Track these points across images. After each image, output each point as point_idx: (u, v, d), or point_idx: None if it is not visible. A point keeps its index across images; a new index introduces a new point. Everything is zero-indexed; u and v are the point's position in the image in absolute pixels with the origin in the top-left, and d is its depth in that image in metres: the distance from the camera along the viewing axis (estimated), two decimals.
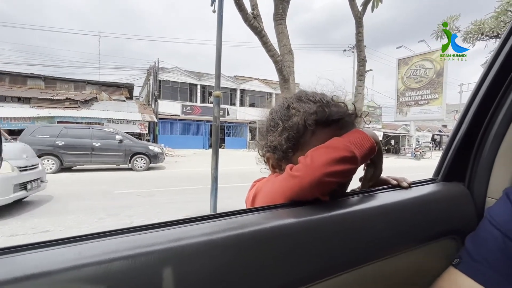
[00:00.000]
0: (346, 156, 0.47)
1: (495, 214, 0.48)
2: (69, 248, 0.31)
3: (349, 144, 0.49)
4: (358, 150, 0.49)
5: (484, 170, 0.62)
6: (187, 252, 0.34)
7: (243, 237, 0.37)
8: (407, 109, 20.18)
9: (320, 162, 0.46)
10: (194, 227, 0.39)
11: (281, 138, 0.57)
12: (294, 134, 0.56)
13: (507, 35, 0.59)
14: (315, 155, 0.48)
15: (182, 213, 4.61)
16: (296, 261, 0.40)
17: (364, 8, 3.57)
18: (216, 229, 0.38)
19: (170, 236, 0.35)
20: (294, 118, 0.57)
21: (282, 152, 0.58)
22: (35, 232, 3.61)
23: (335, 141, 0.50)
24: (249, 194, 0.61)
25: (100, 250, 0.31)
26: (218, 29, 3.18)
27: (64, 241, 0.32)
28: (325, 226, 0.44)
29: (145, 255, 0.31)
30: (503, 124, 0.60)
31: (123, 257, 0.30)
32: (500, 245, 0.44)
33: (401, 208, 0.54)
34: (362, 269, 0.46)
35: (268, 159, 0.63)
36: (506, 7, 4.55)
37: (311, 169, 0.46)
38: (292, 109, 0.59)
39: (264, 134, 0.64)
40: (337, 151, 0.47)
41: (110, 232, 0.35)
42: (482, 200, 0.61)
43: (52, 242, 0.32)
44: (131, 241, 0.34)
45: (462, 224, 0.58)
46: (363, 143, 0.50)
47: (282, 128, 0.58)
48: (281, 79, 3.03)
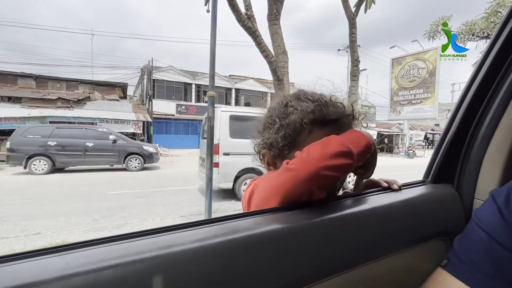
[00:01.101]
0: (343, 151, 0.47)
1: (481, 216, 0.48)
2: (56, 258, 0.31)
3: (346, 140, 0.49)
4: (355, 147, 0.49)
5: (472, 172, 0.63)
6: (178, 259, 0.33)
7: (235, 243, 0.37)
8: (400, 108, 20.40)
9: (317, 156, 0.47)
10: (185, 233, 0.38)
11: (277, 136, 0.58)
12: (290, 132, 0.57)
13: (496, 37, 0.60)
14: (312, 149, 0.48)
15: (177, 214, 4.58)
16: (287, 266, 0.40)
17: (357, 9, 3.59)
18: (207, 235, 0.37)
19: (160, 243, 0.35)
20: (291, 116, 0.57)
21: (278, 149, 0.59)
22: (26, 234, 3.55)
23: (332, 137, 0.50)
24: (245, 194, 0.61)
25: (88, 259, 0.31)
26: (212, 29, 3.16)
27: (51, 250, 0.32)
28: (316, 230, 0.44)
29: (135, 263, 0.31)
30: (490, 127, 0.61)
31: (111, 266, 0.30)
32: (486, 246, 0.45)
33: (392, 210, 0.54)
34: (353, 272, 0.46)
35: (263, 155, 0.63)
36: (496, 8, 4.63)
37: (307, 163, 0.47)
38: (290, 107, 0.59)
39: (261, 131, 0.64)
40: (333, 146, 0.48)
41: (98, 240, 0.34)
42: (470, 202, 0.63)
43: (38, 252, 0.31)
44: (120, 249, 0.33)
45: (451, 226, 0.59)
46: (360, 141, 0.51)
47: (279, 126, 0.58)
48: (275, 79, 3.03)
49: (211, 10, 3.21)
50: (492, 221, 0.46)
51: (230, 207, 4.92)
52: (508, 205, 0.45)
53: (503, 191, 0.47)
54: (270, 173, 0.59)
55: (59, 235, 3.56)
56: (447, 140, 0.66)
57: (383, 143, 27.25)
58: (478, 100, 0.63)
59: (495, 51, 0.60)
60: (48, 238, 3.45)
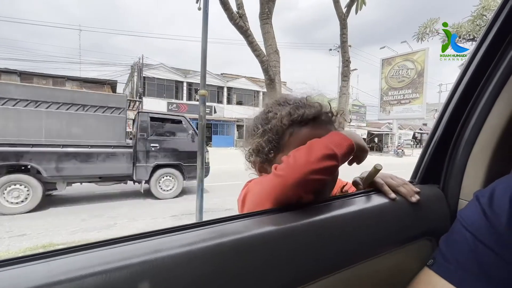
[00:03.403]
0: (327, 154, 0.49)
1: (466, 217, 0.50)
2: (38, 266, 0.30)
3: (329, 143, 0.52)
4: (338, 148, 0.51)
5: (457, 173, 0.65)
6: (166, 264, 0.33)
7: (224, 246, 0.37)
8: (390, 108, 20.79)
9: (302, 161, 0.48)
10: (173, 237, 0.38)
11: (262, 140, 0.61)
12: (273, 136, 0.60)
13: (481, 41, 0.62)
14: (298, 154, 0.50)
15: (168, 213, 4.54)
16: (277, 268, 0.40)
17: (348, 9, 3.62)
18: (195, 239, 0.37)
19: (147, 248, 0.34)
20: (272, 121, 0.61)
21: (264, 154, 0.61)
22: (10, 236, 3.44)
23: (315, 141, 0.53)
24: (241, 194, 0.63)
25: (72, 266, 0.30)
26: (204, 28, 3.13)
27: (34, 257, 0.31)
28: (305, 232, 0.44)
29: (120, 270, 0.30)
30: (474, 129, 0.62)
31: (96, 272, 0.29)
32: (470, 246, 0.46)
33: (380, 211, 0.55)
34: (342, 273, 0.46)
35: (254, 163, 0.66)
36: (482, 12, 4.77)
37: (294, 168, 0.48)
38: (270, 113, 0.62)
39: (248, 139, 0.67)
40: (318, 149, 0.50)
41: (83, 246, 0.33)
42: (455, 202, 0.64)
43: (20, 259, 0.30)
44: (105, 255, 0.32)
45: (437, 225, 0.61)
46: (342, 142, 0.53)
47: (262, 131, 0.61)
48: (267, 78, 3.03)
49: (202, 8, 3.18)
50: (476, 222, 0.47)
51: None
52: (492, 206, 0.46)
53: (487, 192, 0.49)
54: (262, 177, 0.61)
55: (46, 236, 3.47)
56: (434, 142, 0.67)
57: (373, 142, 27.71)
58: (463, 103, 0.64)
59: (480, 54, 0.61)
60: (33, 240, 3.35)
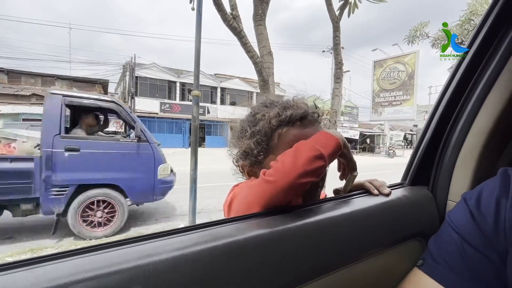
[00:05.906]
0: (314, 155, 0.49)
1: (454, 218, 0.51)
2: (25, 273, 0.29)
3: (315, 144, 0.51)
4: (325, 148, 0.51)
5: (445, 175, 0.66)
6: (158, 269, 0.32)
7: (216, 250, 0.37)
8: (381, 109, 21.08)
9: (291, 165, 0.48)
10: (165, 241, 0.37)
11: (250, 142, 0.60)
12: (262, 137, 0.60)
13: (469, 46, 0.63)
14: (285, 158, 0.50)
15: (160, 216, 4.48)
16: (269, 271, 0.40)
17: (341, 12, 3.66)
18: (188, 243, 0.37)
19: (138, 252, 0.34)
20: (260, 123, 0.61)
21: (253, 157, 0.61)
22: None
23: (302, 143, 0.52)
24: (227, 199, 0.62)
25: (60, 273, 0.29)
26: (197, 28, 3.11)
27: (20, 264, 0.30)
28: (297, 234, 0.44)
29: (110, 276, 0.30)
30: (462, 132, 0.64)
31: (85, 279, 0.29)
32: (458, 247, 0.47)
33: (371, 213, 0.56)
34: (334, 275, 0.47)
35: (242, 167, 0.65)
36: (469, 16, 4.89)
37: (283, 173, 0.48)
38: (258, 115, 0.62)
39: (235, 142, 0.66)
40: (305, 152, 0.50)
41: (70, 252, 0.33)
42: (444, 203, 0.66)
43: (5, 266, 0.29)
44: (94, 261, 0.32)
45: (426, 226, 0.62)
46: (328, 141, 0.53)
47: (251, 133, 0.61)
48: (260, 80, 3.03)
49: (196, 9, 3.16)
50: (464, 223, 0.48)
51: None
52: (479, 207, 0.47)
53: (474, 193, 0.50)
54: (249, 182, 0.60)
55: (32, 239, 3.38)
56: (424, 144, 0.68)
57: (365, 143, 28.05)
58: (451, 106, 0.66)
59: (468, 58, 0.63)
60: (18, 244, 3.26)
